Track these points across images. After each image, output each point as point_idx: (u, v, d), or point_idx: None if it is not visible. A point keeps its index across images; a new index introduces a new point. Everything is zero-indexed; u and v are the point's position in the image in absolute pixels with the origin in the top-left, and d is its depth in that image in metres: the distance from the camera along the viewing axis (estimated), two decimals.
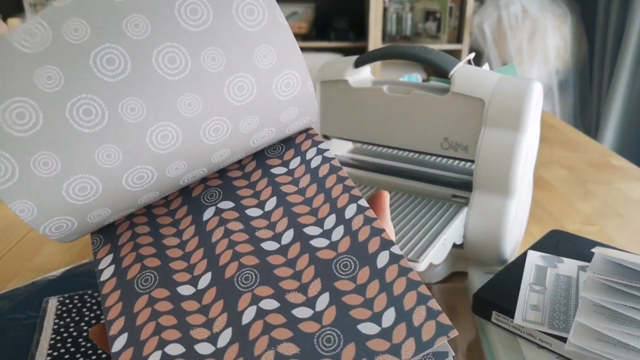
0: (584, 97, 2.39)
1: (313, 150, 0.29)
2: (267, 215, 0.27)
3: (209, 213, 0.27)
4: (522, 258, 0.50)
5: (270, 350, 0.22)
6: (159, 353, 0.22)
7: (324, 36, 2.51)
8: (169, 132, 0.23)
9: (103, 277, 0.25)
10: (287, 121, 0.27)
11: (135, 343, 0.22)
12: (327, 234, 0.25)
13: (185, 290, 0.24)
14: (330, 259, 0.24)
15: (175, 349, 0.22)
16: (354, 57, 0.60)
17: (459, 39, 2.47)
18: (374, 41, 2.41)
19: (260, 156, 0.30)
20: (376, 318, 0.22)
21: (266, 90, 0.25)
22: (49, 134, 0.21)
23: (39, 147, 0.21)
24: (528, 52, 2.27)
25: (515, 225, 0.55)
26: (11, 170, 0.21)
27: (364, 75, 0.62)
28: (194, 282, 0.24)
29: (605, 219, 0.75)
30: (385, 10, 2.45)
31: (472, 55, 0.57)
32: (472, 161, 0.54)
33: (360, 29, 2.54)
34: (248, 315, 0.23)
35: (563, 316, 0.42)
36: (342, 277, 0.24)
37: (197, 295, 0.24)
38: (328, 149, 0.29)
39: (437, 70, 0.55)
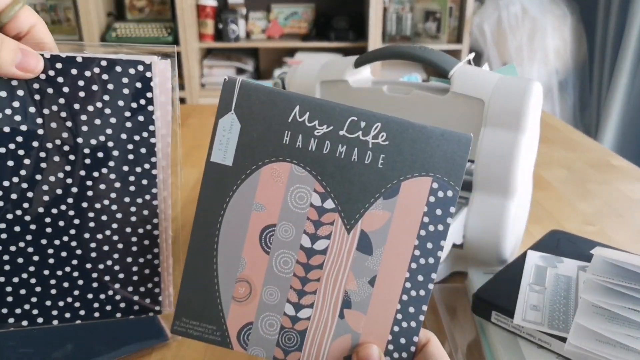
0: (584, 97, 2.40)
1: None
2: None
3: None
4: (521, 258, 0.50)
5: None
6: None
7: (324, 36, 2.51)
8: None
9: None
10: None
11: None
12: None
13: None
14: None
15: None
16: (354, 57, 0.60)
17: (458, 39, 2.47)
18: (374, 41, 2.41)
19: None
20: None
21: None
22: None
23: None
24: (528, 52, 2.28)
25: (515, 225, 0.55)
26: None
27: (364, 75, 0.62)
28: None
29: (605, 219, 0.75)
30: (385, 10, 2.45)
31: (472, 55, 0.57)
32: (472, 161, 0.54)
33: (360, 29, 2.54)
34: None
35: (563, 316, 0.42)
36: None
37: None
38: None
39: (437, 71, 0.54)
